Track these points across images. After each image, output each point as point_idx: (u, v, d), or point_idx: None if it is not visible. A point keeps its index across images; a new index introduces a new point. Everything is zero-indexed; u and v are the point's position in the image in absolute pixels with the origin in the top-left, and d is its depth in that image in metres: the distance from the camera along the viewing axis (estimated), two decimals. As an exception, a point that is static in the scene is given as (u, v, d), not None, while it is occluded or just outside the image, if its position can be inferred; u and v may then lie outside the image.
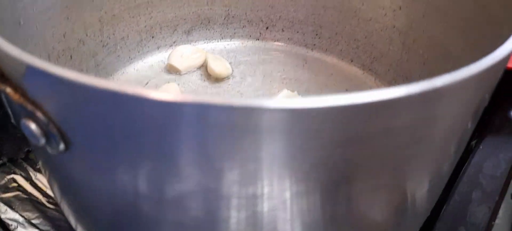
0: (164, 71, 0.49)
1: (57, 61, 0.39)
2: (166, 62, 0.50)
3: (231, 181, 0.20)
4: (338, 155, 0.20)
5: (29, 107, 0.20)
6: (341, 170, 0.21)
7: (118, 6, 0.45)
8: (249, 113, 0.18)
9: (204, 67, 0.50)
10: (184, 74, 0.49)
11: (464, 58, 0.36)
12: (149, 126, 0.18)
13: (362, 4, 0.48)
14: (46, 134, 0.21)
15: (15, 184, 0.39)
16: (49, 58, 0.38)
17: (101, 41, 0.45)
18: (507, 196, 0.41)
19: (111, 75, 0.47)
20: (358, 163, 0.22)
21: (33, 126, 0.20)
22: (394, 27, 0.45)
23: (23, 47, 0.34)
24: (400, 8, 0.44)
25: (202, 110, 0.18)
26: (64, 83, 0.18)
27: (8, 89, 0.20)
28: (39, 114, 0.20)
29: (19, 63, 0.19)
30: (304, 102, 0.18)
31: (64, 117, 0.20)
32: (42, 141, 0.21)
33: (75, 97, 0.19)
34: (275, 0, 0.52)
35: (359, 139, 0.20)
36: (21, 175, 0.39)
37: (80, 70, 0.43)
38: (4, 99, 0.22)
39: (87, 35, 0.43)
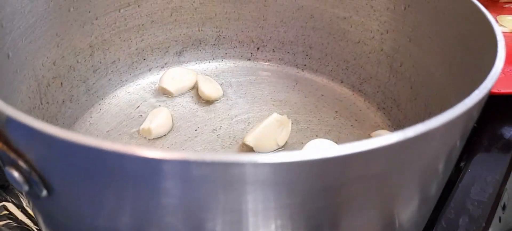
0: (156, 94, 0.50)
1: (47, 89, 0.39)
2: (157, 84, 0.50)
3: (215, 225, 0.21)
4: (317, 202, 0.21)
5: (12, 155, 0.21)
6: (321, 215, 0.22)
7: (109, 30, 0.46)
8: (227, 168, 0.18)
9: (195, 88, 0.51)
10: (176, 96, 0.50)
11: (448, 84, 0.37)
12: (129, 179, 0.19)
13: (350, 26, 0.48)
14: (29, 181, 0.21)
15: (6, 212, 0.39)
16: (38, 88, 0.38)
17: (92, 66, 0.45)
18: (495, 219, 0.42)
19: (102, 99, 0.47)
20: (337, 207, 0.22)
21: (16, 174, 0.21)
22: (381, 50, 0.46)
23: (12, 79, 0.35)
24: (387, 32, 0.44)
25: (181, 167, 0.18)
26: (43, 136, 0.19)
27: (-8, 137, 0.21)
28: (21, 162, 0.20)
29: (1, 113, 0.20)
30: (281, 157, 0.18)
31: (45, 166, 0.20)
32: (25, 187, 0.21)
33: (54, 149, 0.19)
34: (265, 21, 0.53)
35: (336, 187, 0.21)
36: (12, 201, 0.40)
37: (71, 96, 0.43)
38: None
39: (77, 61, 0.43)
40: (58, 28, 0.40)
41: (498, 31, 0.26)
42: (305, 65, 0.54)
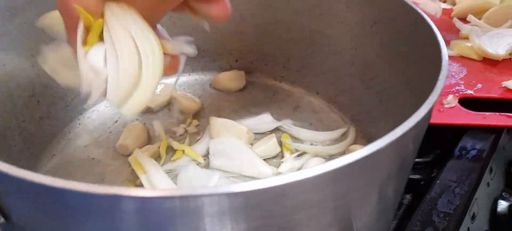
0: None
1: (23, 108, 0.40)
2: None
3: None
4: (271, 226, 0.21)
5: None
6: None
7: (86, 47, 0.47)
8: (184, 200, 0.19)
9: (173, 103, 0.52)
10: (156, 111, 0.51)
11: (409, 100, 0.38)
12: (85, 216, 0.20)
13: (325, 39, 0.49)
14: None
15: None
16: (14, 107, 0.39)
17: (70, 83, 0.46)
18: (463, 229, 0.43)
19: (81, 113, 0.48)
20: (293, 227, 0.23)
21: (-28, 202, 0.22)
22: (352, 64, 0.47)
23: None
24: (357, 46, 0.45)
25: (136, 203, 0.19)
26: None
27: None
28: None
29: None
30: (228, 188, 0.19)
31: (0, 197, 0.21)
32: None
33: (6, 184, 0.20)
34: (243, 34, 0.54)
35: (286, 212, 0.21)
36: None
37: (49, 113, 0.44)
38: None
39: (53, 79, 0.44)
40: (33, 49, 0.41)
41: (445, 57, 0.27)
42: (282, 77, 0.55)
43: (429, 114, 0.24)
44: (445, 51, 0.28)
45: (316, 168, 0.19)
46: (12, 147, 0.39)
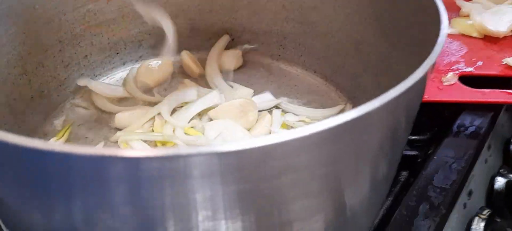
0: (131, 84, 0.50)
1: (13, 86, 0.40)
2: (131, 76, 0.51)
3: (165, 220, 0.21)
4: (262, 189, 0.21)
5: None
6: (268, 201, 0.22)
7: (78, 25, 0.46)
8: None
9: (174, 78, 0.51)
10: (155, 87, 0.50)
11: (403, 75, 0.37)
12: (76, 180, 0.19)
13: (319, 16, 0.48)
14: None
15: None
16: (3, 84, 0.39)
17: (62, 61, 0.46)
18: (459, 205, 0.42)
19: (75, 93, 0.48)
20: (281, 193, 0.23)
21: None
22: (347, 41, 0.46)
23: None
24: (352, 24, 0.44)
25: (125, 164, 0.19)
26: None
27: None
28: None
29: None
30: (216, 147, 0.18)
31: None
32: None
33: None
34: (237, 12, 0.53)
35: (275, 174, 0.21)
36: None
37: (41, 92, 0.44)
38: None
39: (46, 57, 0.44)
40: (23, 25, 0.40)
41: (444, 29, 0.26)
42: (279, 55, 0.54)
43: (424, 80, 0.24)
44: (445, 18, 0.27)
45: (304, 128, 0.19)
46: (3, 125, 0.39)
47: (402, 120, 0.26)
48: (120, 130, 0.44)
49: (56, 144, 0.18)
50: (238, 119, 0.43)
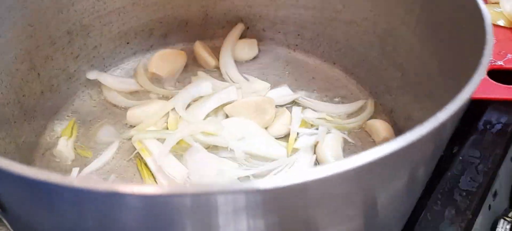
0: (142, 76, 0.48)
1: (22, 82, 0.38)
2: (142, 67, 0.49)
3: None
4: (297, 216, 0.19)
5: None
6: (305, 226, 0.20)
7: (88, 15, 0.44)
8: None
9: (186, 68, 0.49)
10: (165, 78, 0.48)
11: (437, 76, 0.35)
12: (86, 213, 0.18)
13: (342, 5, 0.45)
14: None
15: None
16: (11, 81, 0.37)
17: (72, 53, 0.44)
18: (484, 208, 0.41)
19: (85, 86, 0.46)
20: (318, 218, 0.21)
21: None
22: (374, 32, 0.43)
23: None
24: (380, 13, 0.42)
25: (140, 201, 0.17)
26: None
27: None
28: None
29: None
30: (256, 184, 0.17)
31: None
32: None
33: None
34: (254, 0, 0.50)
35: (313, 204, 0.19)
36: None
37: (51, 86, 0.42)
38: None
39: (55, 50, 0.42)
40: (30, 18, 0.38)
41: (490, 38, 0.24)
42: (296, 45, 0.52)
43: (467, 102, 0.22)
44: (489, 22, 0.25)
45: (344, 162, 0.17)
46: (12, 122, 0.37)
47: (447, 134, 0.24)
48: (133, 126, 0.42)
49: (72, 179, 0.16)
50: (255, 117, 0.41)
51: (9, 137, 0.36)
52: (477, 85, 0.21)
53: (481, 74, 0.22)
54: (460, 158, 0.42)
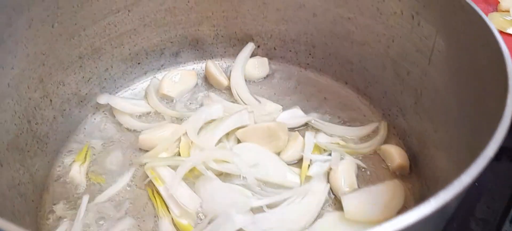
0: (153, 97, 0.48)
1: (35, 110, 0.38)
2: (153, 88, 0.48)
3: None
4: None
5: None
6: None
7: (99, 38, 0.44)
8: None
9: (195, 87, 0.49)
10: (177, 99, 0.48)
11: (454, 106, 0.34)
12: None
13: (355, 27, 0.45)
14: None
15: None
16: (25, 111, 0.37)
17: (83, 77, 0.44)
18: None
19: (96, 108, 0.46)
20: None
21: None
22: (387, 55, 0.43)
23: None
24: (394, 37, 0.41)
25: None
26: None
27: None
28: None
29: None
30: None
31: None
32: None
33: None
34: (265, 19, 0.50)
35: None
36: None
37: (62, 111, 0.42)
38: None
39: (67, 75, 0.42)
40: (42, 46, 0.38)
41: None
42: (308, 64, 0.51)
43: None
44: (510, 64, 0.24)
45: (379, 228, 0.16)
46: (26, 152, 0.37)
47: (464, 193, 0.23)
48: (145, 150, 0.42)
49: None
50: (267, 143, 0.41)
51: (23, 168, 0.36)
52: (500, 142, 0.21)
53: (503, 128, 0.21)
54: (476, 184, 0.41)
